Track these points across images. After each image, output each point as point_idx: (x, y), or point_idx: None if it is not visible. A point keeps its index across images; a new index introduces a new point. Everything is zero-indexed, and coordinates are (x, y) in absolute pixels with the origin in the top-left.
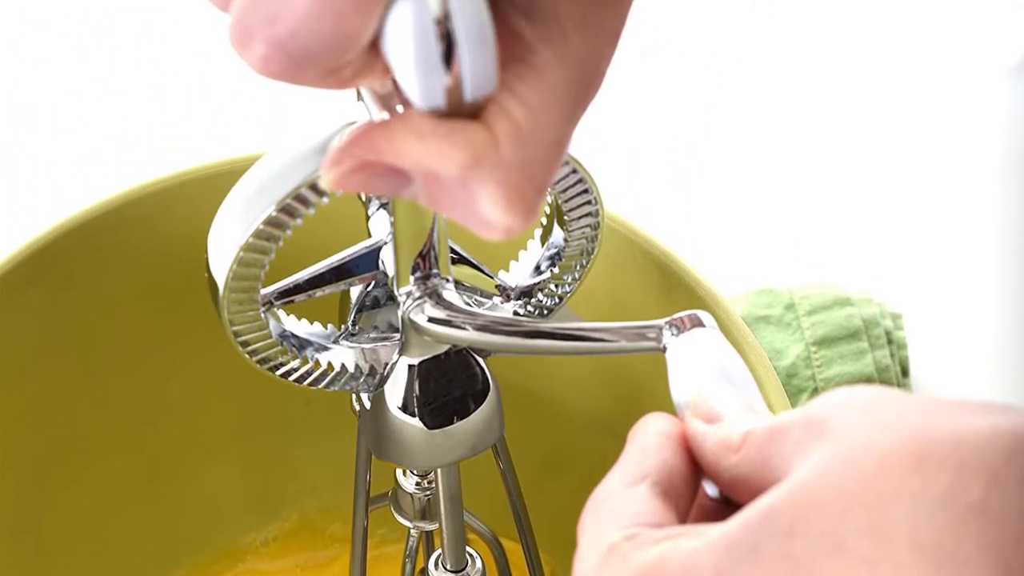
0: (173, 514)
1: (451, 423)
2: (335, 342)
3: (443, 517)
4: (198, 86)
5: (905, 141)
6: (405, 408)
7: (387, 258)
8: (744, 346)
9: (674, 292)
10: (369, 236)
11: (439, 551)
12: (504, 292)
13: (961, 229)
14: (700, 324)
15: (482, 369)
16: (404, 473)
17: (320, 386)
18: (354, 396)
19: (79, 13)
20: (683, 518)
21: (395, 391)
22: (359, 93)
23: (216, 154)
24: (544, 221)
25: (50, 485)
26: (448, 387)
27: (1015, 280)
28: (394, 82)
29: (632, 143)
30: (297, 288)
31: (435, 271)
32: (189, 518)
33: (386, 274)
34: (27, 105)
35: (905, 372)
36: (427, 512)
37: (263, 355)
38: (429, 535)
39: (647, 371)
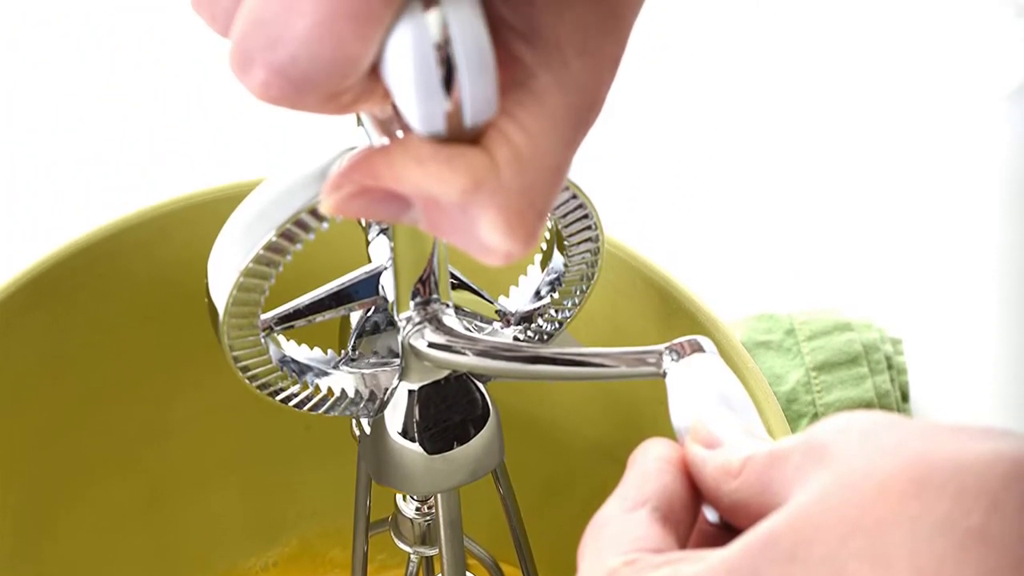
0: (173, 539)
1: (451, 448)
2: (335, 367)
3: (443, 542)
4: (198, 86)
5: (905, 166)
6: (405, 433)
7: (387, 283)
8: (744, 371)
9: (674, 317)
10: (369, 261)
11: None
12: (504, 317)
13: (961, 254)
14: (700, 349)
15: (482, 394)
16: (404, 498)
17: (320, 411)
18: (354, 421)
19: (79, 13)
20: (683, 543)
21: (395, 416)
22: (359, 118)
23: (216, 176)
24: (544, 246)
25: (50, 510)
26: (448, 412)
27: (1015, 305)
28: (394, 107)
29: (632, 168)
30: (297, 313)
31: (435, 296)
32: (189, 543)
33: (386, 299)
34: (27, 105)
35: (905, 397)
36: (427, 537)
37: (263, 380)
38: (429, 560)
39: (647, 396)
